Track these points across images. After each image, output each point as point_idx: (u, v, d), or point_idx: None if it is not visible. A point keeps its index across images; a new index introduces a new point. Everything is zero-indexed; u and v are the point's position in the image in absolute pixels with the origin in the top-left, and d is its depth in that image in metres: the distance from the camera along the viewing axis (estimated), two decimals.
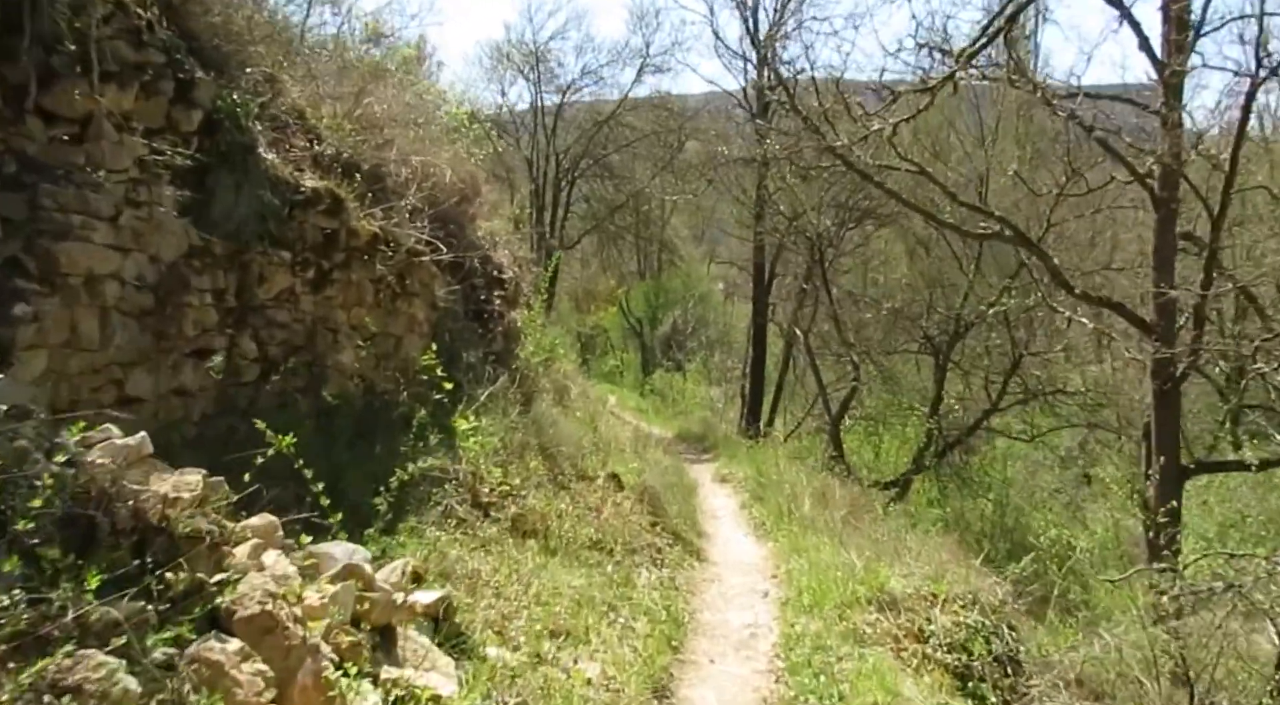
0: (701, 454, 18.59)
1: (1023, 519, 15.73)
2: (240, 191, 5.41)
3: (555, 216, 22.16)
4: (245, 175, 5.40)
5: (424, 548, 5.59)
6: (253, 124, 5.54)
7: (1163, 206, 10.10)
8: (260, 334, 5.92)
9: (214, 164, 5.21)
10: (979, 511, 15.39)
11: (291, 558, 3.88)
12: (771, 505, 11.20)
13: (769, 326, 21.76)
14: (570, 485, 8.55)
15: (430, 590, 4.48)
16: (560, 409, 11.49)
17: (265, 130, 5.90)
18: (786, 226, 17.16)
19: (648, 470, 11.23)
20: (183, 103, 4.99)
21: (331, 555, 4.20)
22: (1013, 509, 15.48)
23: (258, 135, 5.62)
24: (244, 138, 5.36)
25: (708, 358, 35.31)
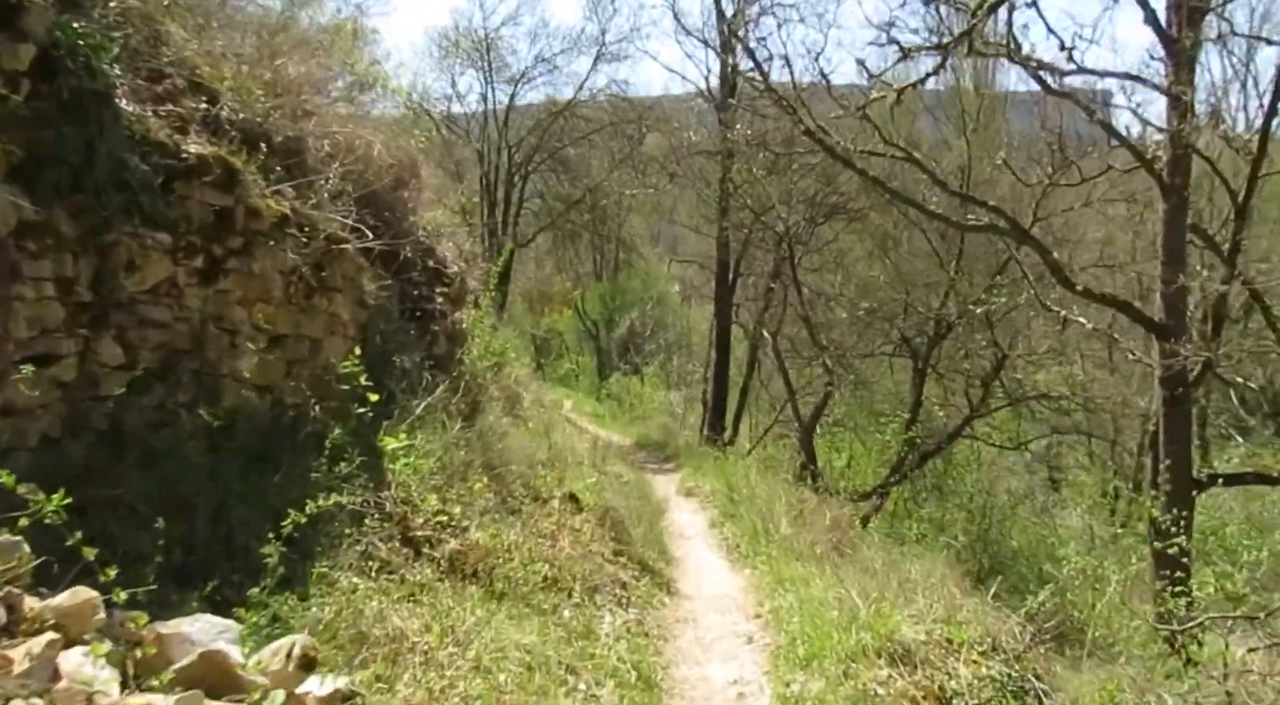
0: (663, 463, 17.55)
1: (1003, 530, 14.91)
2: (94, 153, 4.23)
3: (508, 213, 20.99)
4: (99, 132, 4.22)
5: (334, 603, 4.45)
6: (110, 67, 4.36)
7: (1173, 195, 9.26)
8: (129, 336, 4.73)
9: (54, 115, 4.03)
10: (959, 523, 14.52)
11: (116, 648, 2.74)
12: (745, 524, 10.18)
13: (733, 328, 20.78)
14: (521, 509, 7.44)
15: (328, 678, 3.34)
16: (511, 420, 10.36)
17: (132, 79, 4.71)
18: (753, 221, 16.17)
19: (608, 487, 10.15)
20: (5, 31, 3.81)
21: (185, 637, 3.06)
22: (994, 519, 14.64)
23: (116, 82, 4.43)
24: (96, 83, 4.18)
25: (666, 361, 34.32)
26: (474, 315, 10.44)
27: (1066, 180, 11.47)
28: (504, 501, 7.33)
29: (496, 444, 8.15)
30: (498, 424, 9.01)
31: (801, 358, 17.12)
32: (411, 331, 8.35)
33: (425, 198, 9.84)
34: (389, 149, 8.60)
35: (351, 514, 5.19)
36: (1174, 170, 9.28)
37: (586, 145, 21.73)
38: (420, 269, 9.09)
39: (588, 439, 15.01)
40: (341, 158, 7.29)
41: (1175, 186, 9.29)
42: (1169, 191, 9.32)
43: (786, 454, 18.00)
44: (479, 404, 8.95)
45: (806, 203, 16.74)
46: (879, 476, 15.97)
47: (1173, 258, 9.37)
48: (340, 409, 5.87)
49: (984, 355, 14.25)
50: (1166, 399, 9.32)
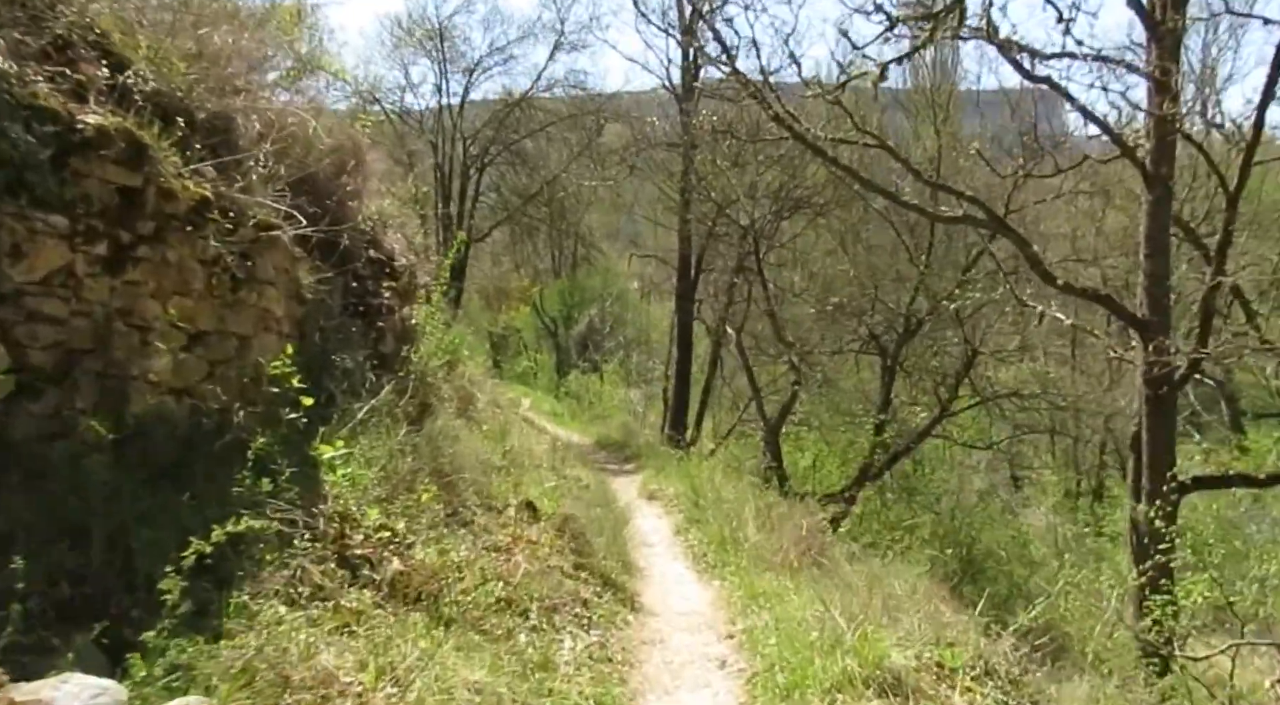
0: (624, 464, 17.03)
1: (973, 532, 14.62)
2: None
3: (463, 207, 20.30)
4: None
5: (254, 640, 3.87)
6: None
7: (1157, 185, 8.94)
8: (15, 333, 4.11)
9: None
10: (928, 525, 14.20)
11: None
12: (711, 530, 9.70)
13: (694, 325, 20.31)
14: (474, 521, 6.87)
15: None
16: (464, 422, 9.77)
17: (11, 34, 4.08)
18: (716, 214, 15.69)
19: (568, 493, 9.61)
20: None
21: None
22: (963, 520, 14.35)
23: None
24: None
25: (626, 358, 33.82)
26: (425, 311, 9.85)
27: (1040, 171, 11.17)
28: (455, 512, 6.76)
29: (448, 449, 7.57)
30: (449, 427, 8.42)
31: (766, 355, 16.69)
32: (355, 328, 7.73)
33: (371, 186, 9.21)
34: (330, 132, 8.00)
35: (279, 533, 4.60)
36: (1158, 158, 8.96)
37: (544, 138, 21.10)
38: (365, 261, 8.47)
39: (546, 440, 14.45)
40: (275, 138, 6.68)
41: (1160, 176, 8.97)
42: (1153, 181, 9.00)
43: (750, 454, 17.58)
44: (429, 406, 8.36)
45: (771, 197, 16.30)
46: (846, 477, 15.60)
47: (1157, 250, 9.05)
48: (270, 414, 5.28)
49: (953, 352, 13.92)
50: (1149, 398, 9.00)
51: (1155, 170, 8.96)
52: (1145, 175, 9.06)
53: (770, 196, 16.14)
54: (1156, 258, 9.04)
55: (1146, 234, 9.12)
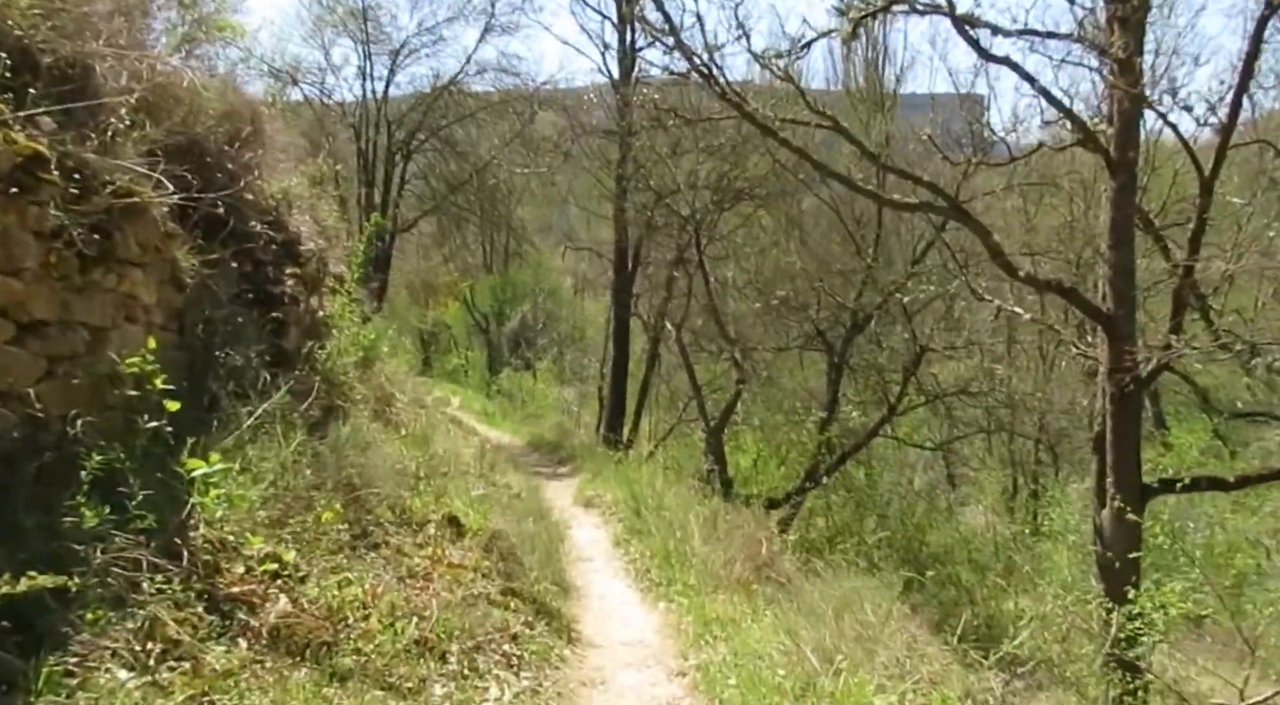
0: (558, 466, 16.16)
1: (919, 534, 14.12)
2: None
3: (388, 195, 19.17)
4: None
5: None
6: None
7: (1121, 171, 8.41)
8: None
9: None
10: (873, 529, 13.64)
11: None
12: (654, 542, 8.91)
13: (632, 321, 19.51)
14: (386, 542, 5.96)
15: None
16: (381, 425, 8.82)
17: None
18: (655, 203, 14.91)
19: (497, 503, 8.72)
20: None
21: None
22: (910, 522, 13.83)
23: None
24: None
25: (560, 356, 32.90)
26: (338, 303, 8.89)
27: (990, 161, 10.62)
28: (363, 533, 5.84)
29: (357, 458, 6.63)
30: (362, 432, 7.47)
31: (706, 352, 15.97)
32: (249, 320, 6.75)
33: (273, 160, 8.20)
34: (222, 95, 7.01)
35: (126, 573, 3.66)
36: (1123, 143, 8.42)
37: (475, 125, 20.07)
38: (266, 245, 7.48)
39: (475, 442, 13.52)
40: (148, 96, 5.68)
41: (1125, 161, 8.43)
42: (1117, 168, 8.46)
43: (691, 455, 16.86)
44: (339, 408, 7.40)
45: (711, 187, 15.56)
46: (790, 479, 14.97)
47: (1121, 241, 8.52)
48: (124, 422, 4.32)
49: (900, 349, 13.37)
50: (1114, 396, 8.46)
51: (1120, 155, 8.42)
52: (1108, 161, 8.52)
53: (710, 187, 15.40)
54: (1121, 249, 8.52)
55: (1111, 224, 8.59)
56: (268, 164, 8.00)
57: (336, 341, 8.05)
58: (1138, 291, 10.14)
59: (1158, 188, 12.22)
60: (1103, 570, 8.75)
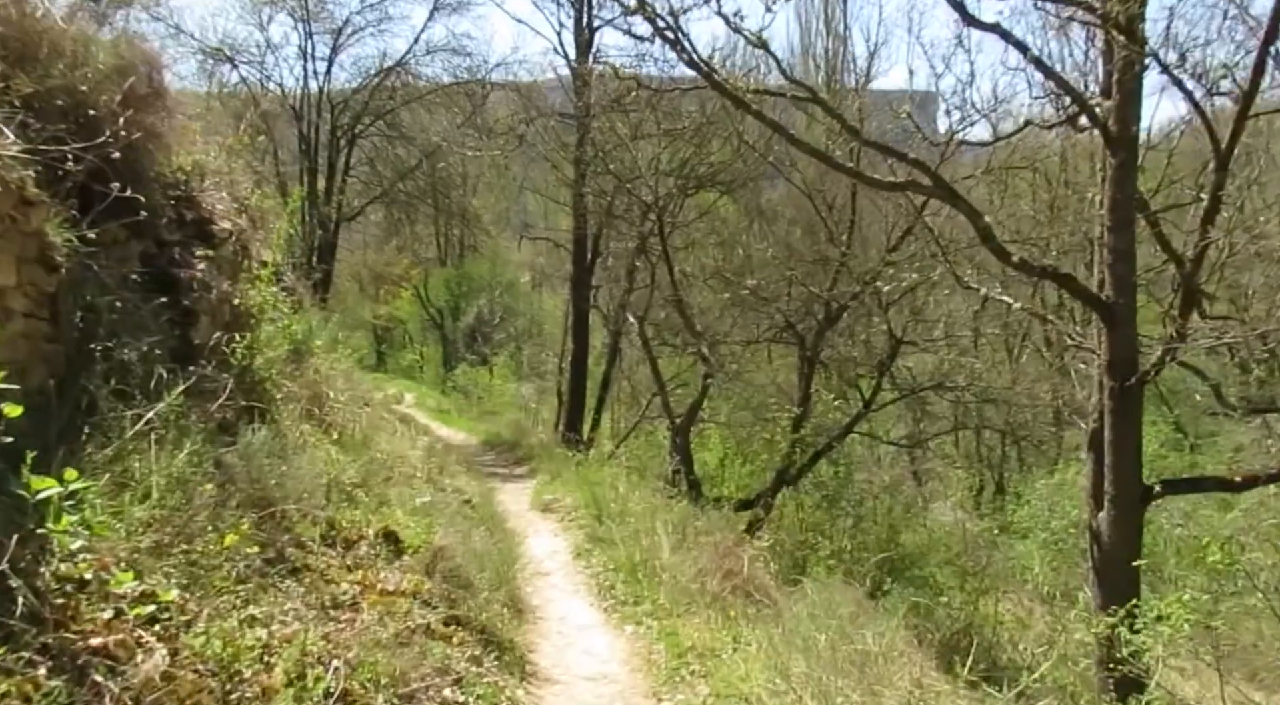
0: (515, 467, 15.29)
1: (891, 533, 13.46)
2: None
3: (332, 182, 18.12)
4: None
5: None
6: None
7: (1121, 146, 7.75)
8: None
9: None
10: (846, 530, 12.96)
11: None
12: (619, 552, 8.10)
13: (591, 313, 18.65)
14: (306, 567, 5.07)
15: None
16: (312, 427, 7.92)
17: None
18: (615, 188, 14.07)
19: (445, 513, 7.85)
20: None
21: None
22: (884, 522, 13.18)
23: None
24: None
25: (517, 351, 31.96)
26: (263, 290, 7.96)
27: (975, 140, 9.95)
28: (279, 557, 4.95)
29: (278, 466, 5.73)
30: (287, 436, 6.58)
31: (670, 346, 15.18)
32: (147, 308, 5.82)
33: (180, 127, 7.25)
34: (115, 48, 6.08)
35: None
36: (1123, 116, 7.75)
37: (423, 108, 19.06)
38: (171, 223, 6.56)
39: (424, 443, 12.59)
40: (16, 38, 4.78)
41: (1124, 136, 7.77)
42: (1116, 142, 7.80)
43: (654, 454, 16.07)
44: (259, 410, 6.47)
45: (675, 172, 14.75)
46: (759, 478, 14.25)
47: (1121, 223, 7.86)
48: None
49: (874, 342, 12.68)
50: (1114, 391, 7.81)
51: (1120, 129, 7.76)
52: (1107, 136, 7.86)
53: (673, 173, 14.59)
54: (1121, 231, 7.86)
55: (1110, 204, 7.92)
56: (174, 131, 7.05)
57: (259, 334, 7.10)
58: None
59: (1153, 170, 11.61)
60: (1100, 577, 8.09)
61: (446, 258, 40.55)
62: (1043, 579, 15.07)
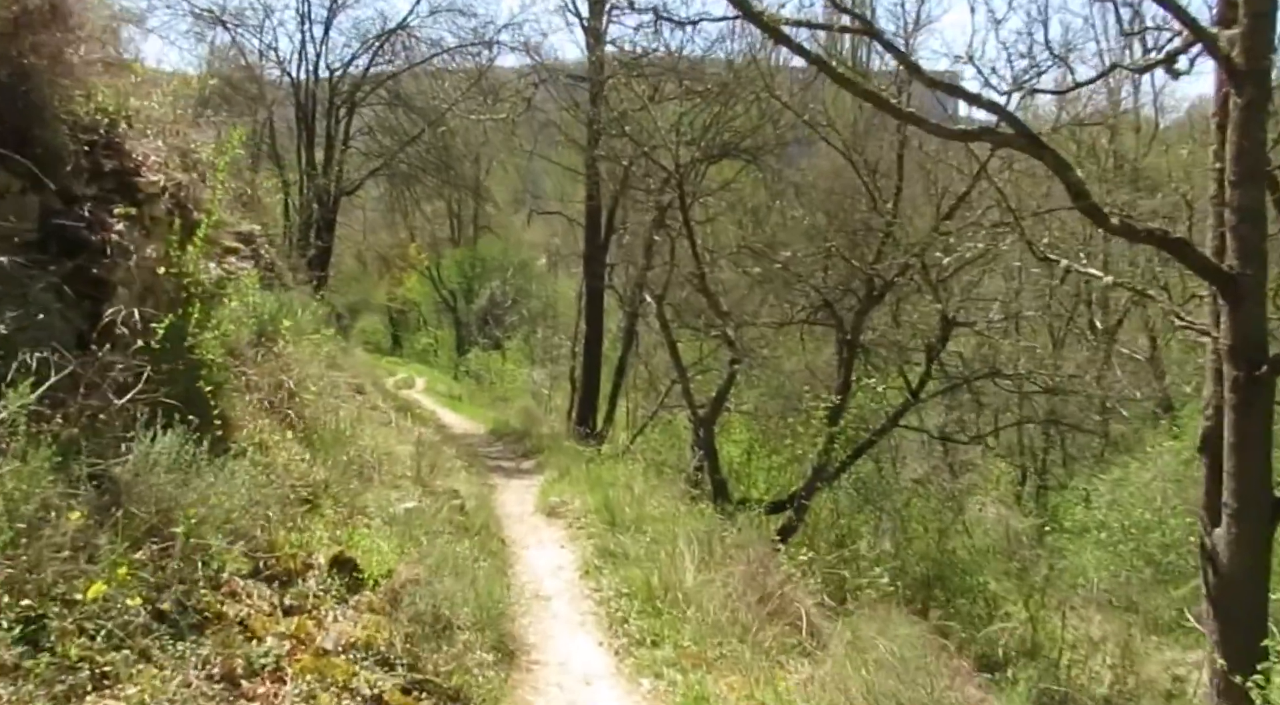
0: (522, 460, 14.06)
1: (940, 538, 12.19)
2: None
3: (331, 153, 16.90)
4: None
5: None
6: None
7: (1247, 83, 6.37)
8: None
9: None
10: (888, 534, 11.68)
11: None
12: (634, 571, 6.84)
13: (607, 294, 17.35)
14: (219, 616, 3.83)
15: None
16: (273, 422, 6.70)
17: None
18: (634, 155, 12.74)
19: (425, 526, 6.62)
20: None
21: None
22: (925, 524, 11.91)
23: None
24: None
25: (531, 333, 30.72)
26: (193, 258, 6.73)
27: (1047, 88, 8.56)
28: (180, 604, 3.70)
29: (202, 477, 4.50)
30: (229, 436, 5.35)
31: (691, 328, 13.86)
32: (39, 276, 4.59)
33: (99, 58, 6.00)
34: None
35: None
36: (1251, 47, 6.37)
37: (426, 73, 17.76)
38: (84, 173, 5.33)
39: (422, 434, 11.37)
40: None
41: (1254, 71, 6.40)
42: (1242, 78, 6.41)
43: (674, 445, 14.80)
44: (195, 404, 5.23)
45: (696, 140, 13.38)
46: (789, 475, 12.96)
47: (1249, 176, 6.47)
48: None
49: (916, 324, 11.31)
50: (1237, 381, 6.45)
51: (1248, 61, 6.38)
52: (1231, 70, 6.47)
53: (695, 140, 13.22)
54: (1248, 185, 6.48)
55: (1234, 153, 6.53)
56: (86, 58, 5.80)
57: (204, 311, 5.85)
58: None
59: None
60: (1216, 606, 6.76)
61: (459, 238, 39.33)
62: (1100, 584, 13.76)
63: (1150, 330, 22.50)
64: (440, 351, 39.66)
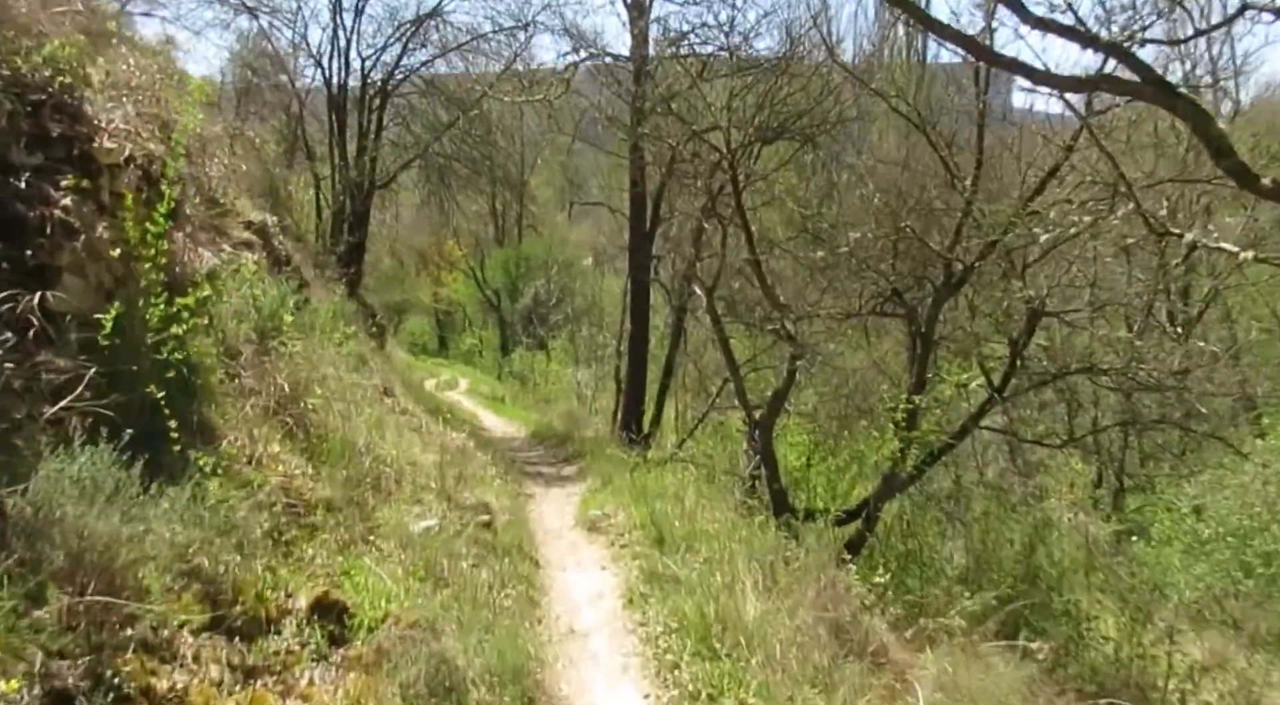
0: (564, 465, 13.15)
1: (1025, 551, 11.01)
2: None
3: (364, 143, 16.17)
4: None
5: None
6: None
7: None
8: None
9: None
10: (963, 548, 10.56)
11: None
12: (687, 602, 5.84)
13: (653, 289, 16.36)
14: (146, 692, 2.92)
15: None
16: (271, 430, 5.83)
17: None
18: (684, 138, 11.72)
19: (449, 546, 5.71)
20: None
21: None
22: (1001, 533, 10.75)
23: None
24: None
25: (575, 332, 29.83)
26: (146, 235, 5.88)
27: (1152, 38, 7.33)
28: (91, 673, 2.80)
29: (160, 503, 3.62)
30: (204, 449, 4.47)
31: (745, 323, 12.80)
32: None
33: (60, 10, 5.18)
34: None
35: None
36: None
37: (461, 58, 16.96)
38: (25, 138, 4.51)
39: (447, 440, 10.50)
40: None
41: None
42: None
43: (725, 448, 13.75)
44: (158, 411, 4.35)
45: (751, 119, 12.29)
46: (851, 482, 11.88)
47: None
48: None
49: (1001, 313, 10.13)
50: None
51: None
52: None
53: (751, 119, 12.14)
54: None
55: None
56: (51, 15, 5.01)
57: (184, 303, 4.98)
58: None
59: None
60: None
61: (503, 237, 38.64)
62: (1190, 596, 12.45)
63: (1231, 321, 21.02)
64: (485, 352, 39.06)
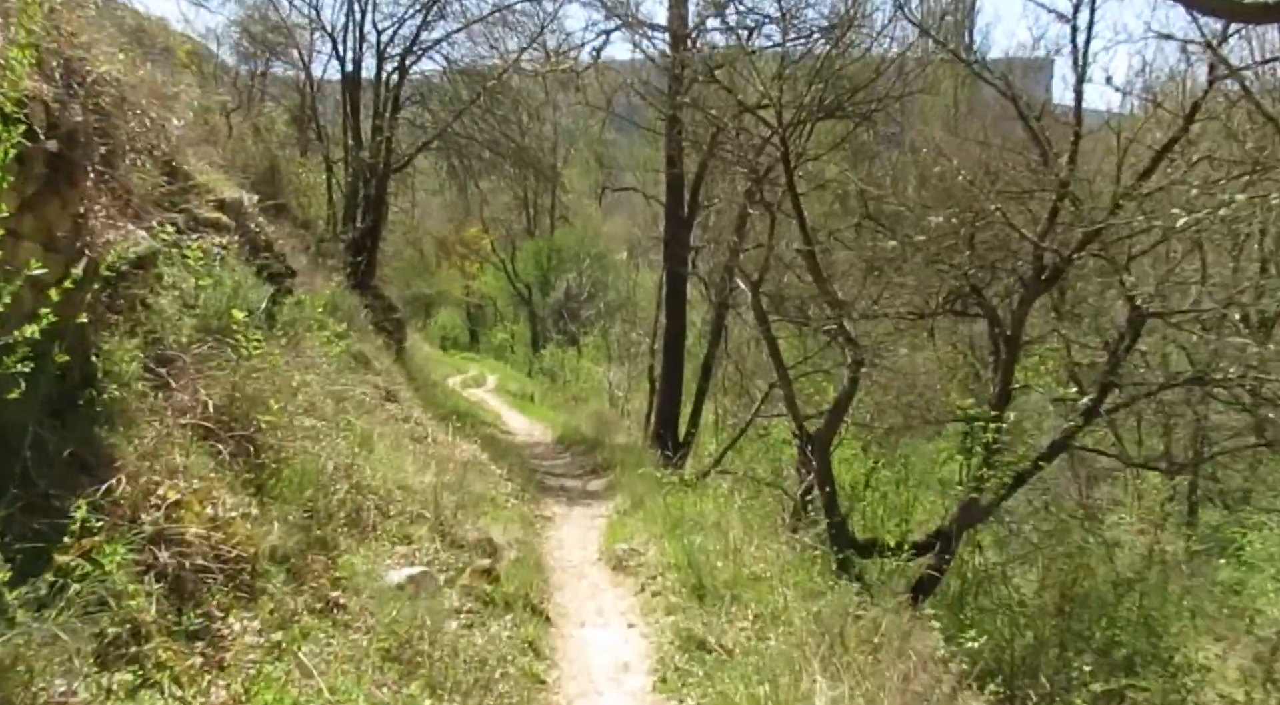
0: (590, 478, 11.88)
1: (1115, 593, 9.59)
2: None
3: (379, 122, 14.97)
4: None
5: None
6: None
7: None
8: None
9: None
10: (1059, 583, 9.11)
11: None
12: (739, 692, 4.51)
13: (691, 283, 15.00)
14: None
15: None
16: (204, 459, 4.56)
17: None
18: (726, 108, 10.36)
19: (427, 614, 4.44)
20: None
21: None
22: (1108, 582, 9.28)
23: None
24: None
25: (608, 327, 28.54)
26: None
27: None
28: None
29: None
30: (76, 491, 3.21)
31: (795, 322, 11.41)
32: None
33: None
34: None
35: None
36: None
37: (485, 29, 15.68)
38: None
39: (463, 451, 9.23)
40: None
41: None
42: None
43: (771, 457, 12.37)
44: None
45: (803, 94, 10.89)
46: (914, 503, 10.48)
47: None
48: None
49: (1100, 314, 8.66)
50: None
51: None
52: None
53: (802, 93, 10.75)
54: None
55: None
56: None
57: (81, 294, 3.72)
58: None
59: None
60: None
61: (534, 228, 37.45)
62: None
63: None
64: (516, 347, 37.98)
